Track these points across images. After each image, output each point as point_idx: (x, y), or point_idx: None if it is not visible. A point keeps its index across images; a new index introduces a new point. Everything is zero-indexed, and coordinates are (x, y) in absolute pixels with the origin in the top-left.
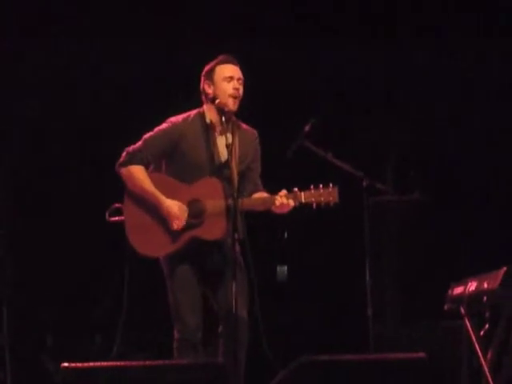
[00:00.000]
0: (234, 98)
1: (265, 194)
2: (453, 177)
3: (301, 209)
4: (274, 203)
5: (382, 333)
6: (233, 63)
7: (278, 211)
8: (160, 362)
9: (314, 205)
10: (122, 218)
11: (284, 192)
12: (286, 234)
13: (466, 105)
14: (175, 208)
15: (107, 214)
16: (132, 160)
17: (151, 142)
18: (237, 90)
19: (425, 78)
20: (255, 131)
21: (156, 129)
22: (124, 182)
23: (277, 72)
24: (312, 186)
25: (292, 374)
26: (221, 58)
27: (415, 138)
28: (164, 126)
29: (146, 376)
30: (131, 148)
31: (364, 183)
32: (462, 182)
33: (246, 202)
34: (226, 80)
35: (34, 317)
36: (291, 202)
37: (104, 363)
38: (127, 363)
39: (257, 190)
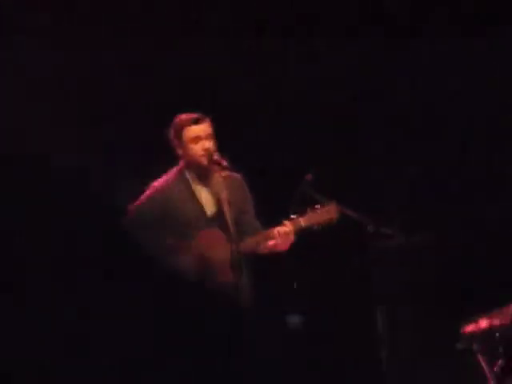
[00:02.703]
0: (206, 156)
1: None
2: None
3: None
4: (273, 234)
5: (396, 374)
6: (198, 122)
7: (281, 246)
8: None
9: (316, 227)
10: None
11: (283, 222)
12: (295, 285)
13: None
14: None
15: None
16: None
17: (140, 214)
18: (206, 149)
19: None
20: (239, 175)
21: (142, 197)
22: None
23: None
24: (309, 209)
25: None
26: (186, 117)
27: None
28: (148, 194)
29: None
30: (126, 219)
31: (369, 228)
32: (470, 218)
33: (247, 242)
34: (194, 142)
35: None
36: (292, 235)
37: None
38: None
39: (257, 232)
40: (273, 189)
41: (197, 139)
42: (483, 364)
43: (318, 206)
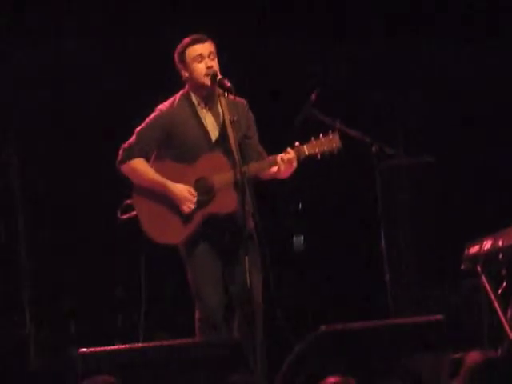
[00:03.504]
0: (209, 75)
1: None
2: (463, 135)
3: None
4: (277, 161)
5: (401, 296)
6: (200, 41)
7: (283, 173)
8: (176, 341)
9: (319, 155)
10: (134, 213)
11: (287, 150)
12: (300, 206)
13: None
14: (184, 191)
15: (118, 213)
16: (130, 155)
17: (144, 134)
18: (210, 67)
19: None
20: (244, 100)
21: (146, 120)
22: (128, 178)
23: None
24: (312, 138)
25: (311, 345)
26: (188, 39)
27: (425, 98)
28: (153, 115)
29: (162, 356)
30: (126, 144)
31: (373, 149)
32: (472, 140)
33: (251, 168)
34: (197, 60)
35: (55, 304)
36: (295, 163)
37: (121, 346)
38: (141, 345)
39: (261, 158)
40: (277, 114)
41: (199, 58)
42: (487, 285)
43: (321, 135)
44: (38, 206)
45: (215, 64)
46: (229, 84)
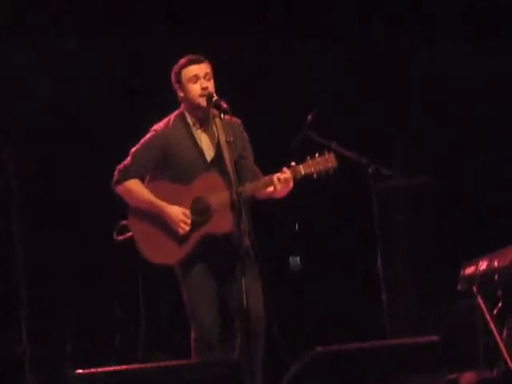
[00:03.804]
0: (204, 96)
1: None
2: (460, 157)
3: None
4: (273, 181)
5: (397, 317)
6: (196, 62)
7: (280, 193)
8: (174, 362)
9: (315, 175)
10: (130, 234)
11: (283, 169)
12: (296, 226)
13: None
14: (178, 213)
15: (115, 234)
16: (125, 176)
17: (140, 155)
18: (205, 88)
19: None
20: (238, 120)
21: (141, 141)
22: (124, 199)
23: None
24: (308, 158)
25: (306, 365)
26: (184, 60)
27: (422, 120)
28: (148, 136)
29: (159, 377)
30: (122, 165)
31: (370, 170)
32: (470, 161)
33: (247, 188)
34: (192, 81)
35: (53, 323)
36: (291, 183)
37: (118, 367)
38: (140, 366)
39: (256, 177)
40: (272, 134)
41: (195, 78)
42: (482, 306)
43: (317, 154)
44: (37, 212)
45: (211, 85)
46: (225, 105)
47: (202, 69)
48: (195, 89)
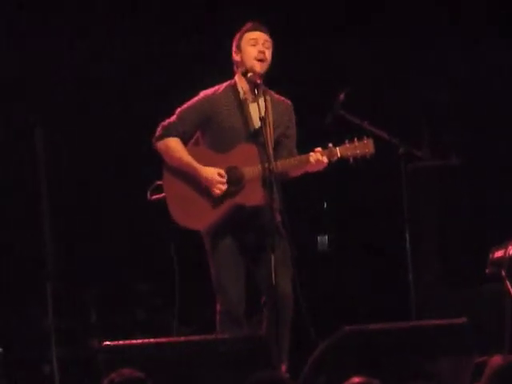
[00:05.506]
0: (260, 60)
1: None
2: (491, 138)
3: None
4: (308, 161)
5: (424, 299)
6: (259, 29)
7: (313, 169)
8: (199, 337)
9: (351, 159)
10: (163, 195)
11: (318, 149)
12: (325, 205)
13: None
14: (214, 174)
15: (148, 193)
16: (167, 133)
17: (185, 115)
18: (262, 52)
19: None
20: (289, 101)
21: (189, 102)
22: (161, 156)
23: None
24: (347, 141)
25: (334, 345)
26: (247, 25)
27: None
28: (196, 98)
29: (186, 351)
30: (166, 122)
31: (400, 150)
32: (500, 142)
33: (280, 165)
34: (251, 44)
35: (77, 295)
36: (325, 159)
37: (144, 340)
38: (165, 339)
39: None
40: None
41: (254, 42)
42: (510, 290)
43: (356, 139)
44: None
45: (268, 53)
46: (259, 81)
47: (262, 36)
48: (252, 51)
